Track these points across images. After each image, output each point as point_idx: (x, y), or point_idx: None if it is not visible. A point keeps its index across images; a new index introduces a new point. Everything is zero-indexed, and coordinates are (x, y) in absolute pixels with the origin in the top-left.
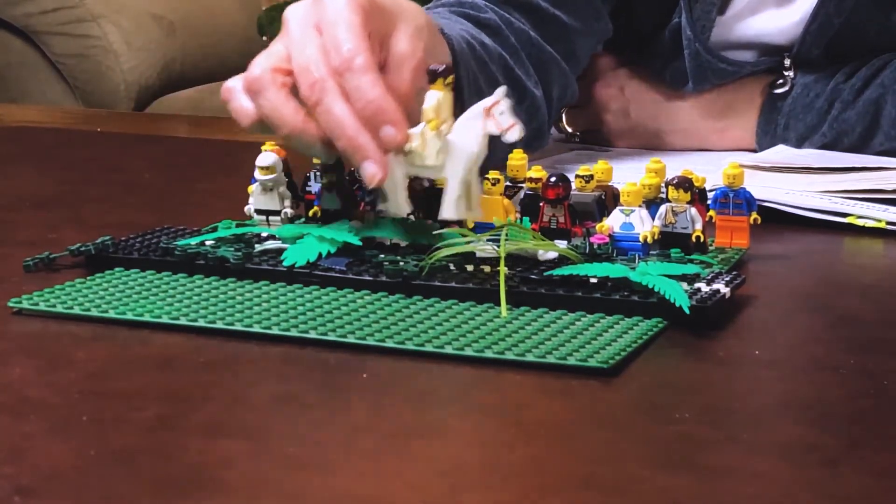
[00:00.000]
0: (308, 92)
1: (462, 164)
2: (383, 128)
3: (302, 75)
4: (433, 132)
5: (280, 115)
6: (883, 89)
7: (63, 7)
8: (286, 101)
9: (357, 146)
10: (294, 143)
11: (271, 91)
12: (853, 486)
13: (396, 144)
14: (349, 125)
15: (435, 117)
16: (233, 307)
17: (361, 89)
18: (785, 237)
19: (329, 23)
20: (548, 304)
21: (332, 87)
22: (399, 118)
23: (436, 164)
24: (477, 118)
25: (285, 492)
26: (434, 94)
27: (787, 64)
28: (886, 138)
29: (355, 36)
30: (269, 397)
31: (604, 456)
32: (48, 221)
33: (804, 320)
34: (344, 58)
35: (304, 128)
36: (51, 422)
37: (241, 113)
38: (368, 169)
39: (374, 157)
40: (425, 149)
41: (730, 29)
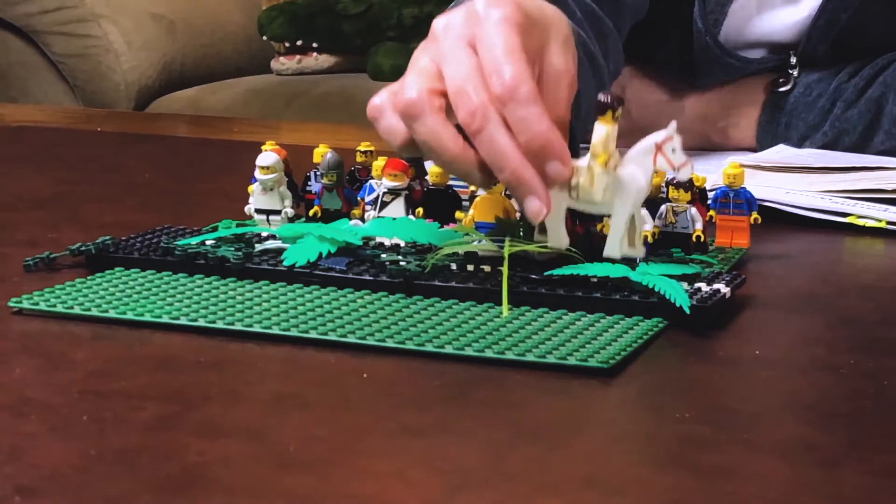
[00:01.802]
0: (468, 119)
1: (630, 202)
2: (550, 163)
3: (460, 99)
4: (601, 168)
5: (439, 142)
6: (885, 88)
7: (63, 7)
8: (445, 128)
9: (522, 180)
10: (450, 169)
11: (429, 117)
12: (853, 486)
13: (563, 180)
14: (513, 158)
15: (603, 152)
16: (233, 307)
17: (527, 121)
18: (785, 237)
19: (486, 43)
20: (548, 304)
21: (493, 116)
22: (566, 153)
23: (602, 201)
24: (647, 154)
25: (285, 492)
26: (602, 128)
27: (793, 62)
28: (887, 137)
29: (517, 60)
30: (269, 397)
31: (604, 456)
32: (48, 221)
33: (804, 320)
34: (507, 86)
35: (463, 155)
36: (51, 422)
37: (392, 133)
38: (533, 204)
39: (538, 192)
40: (593, 185)
41: (738, 28)
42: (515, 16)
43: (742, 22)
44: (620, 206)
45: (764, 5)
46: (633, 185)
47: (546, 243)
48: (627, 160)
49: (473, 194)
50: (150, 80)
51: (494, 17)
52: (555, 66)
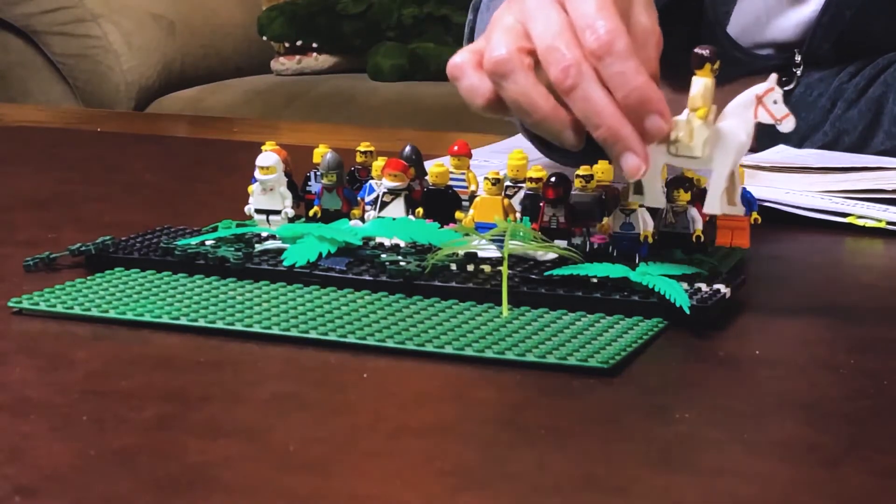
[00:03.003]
0: (561, 76)
1: (731, 156)
2: (649, 117)
3: (551, 56)
4: (701, 121)
5: (531, 100)
6: (885, 87)
7: (63, 7)
8: (535, 86)
9: (619, 137)
10: (541, 129)
11: (520, 74)
12: (853, 486)
13: (663, 135)
14: (611, 114)
15: (703, 105)
16: (233, 307)
17: (625, 76)
18: (785, 237)
19: None
20: (548, 304)
21: (588, 72)
22: (665, 107)
23: (703, 155)
24: (748, 107)
25: (285, 492)
26: (700, 81)
27: (797, 60)
28: (887, 137)
29: (611, 15)
30: (269, 397)
31: (604, 456)
32: (48, 221)
33: (804, 320)
34: (603, 40)
35: (555, 114)
36: (51, 422)
37: (475, 93)
38: (631, 161)
39: (636, 149)
40: (692, 139)
41: (746, 29)
42: None
43: (750, 23)
44: (721, 160)
45: (772, 7)
46: (733, 138)
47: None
48: (727, 113)
49: (473, 194)
50: (150, 80)
51: None
52: (643, 24)
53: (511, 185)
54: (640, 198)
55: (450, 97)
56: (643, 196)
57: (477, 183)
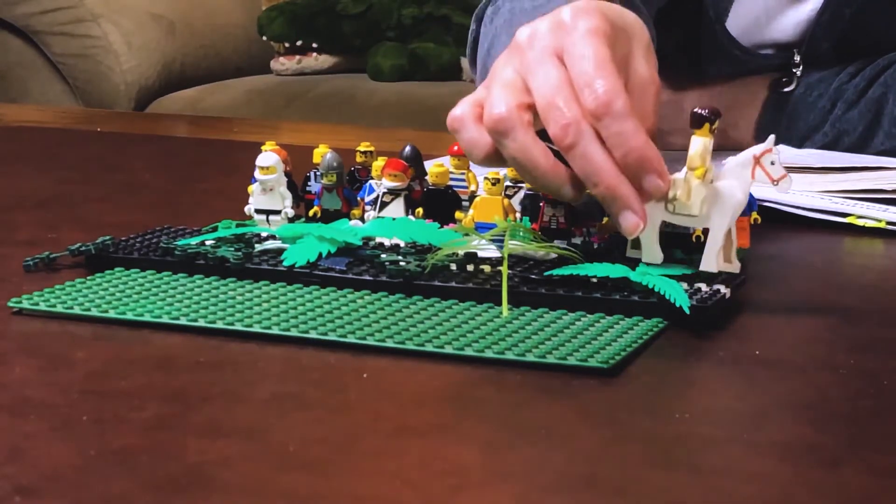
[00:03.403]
0: (561, 134)
1: (728, 215)
2: (647, 177)
3: (551, 113)
4: (698, 181)
5: (530, 158)
6: (885, 88)
7: (63, 7)
8: (535, 144)
9: (618, 195)
10: (540, 185)
11: (519, 133)
12: (853, 486)
13: (661, 194)
14: (609, 173)
15: (701, 165)
16: (233, 307)
17: (624, 136)
18: (785, 237)
19: (576, 55)
20: (548, 304)
21: (587, 130)
22: (663, 167)
23: (700, 213)
24: (745, 167)
25: (285, 492)
26: (699, 140)
27: (797, 60)
28: (887, 137)
29: (609, 74)
30: (269, 397)
31: (604, 456)
32: (48, 221)
33: (804, 320)
34: (602, 100)
35: (554, 171)
36: (51, 422)
37: (475, 146)
38: (629, 219)
39: (634, 207)
40: (690, 198)
41: (745, 30)
42: (603, 26)
43: (750, 24)
44: (718, 220)
45: (771, 7)
46: (730, 198)
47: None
48: (725, 173)
49: (473, 194)
50: (150, 80)
51: (582, 27)
52: (641, 75)
53: (511, 185)
54: (637, 252)
55: (450, 97)
56: (640, 251)
57: (477, 183)
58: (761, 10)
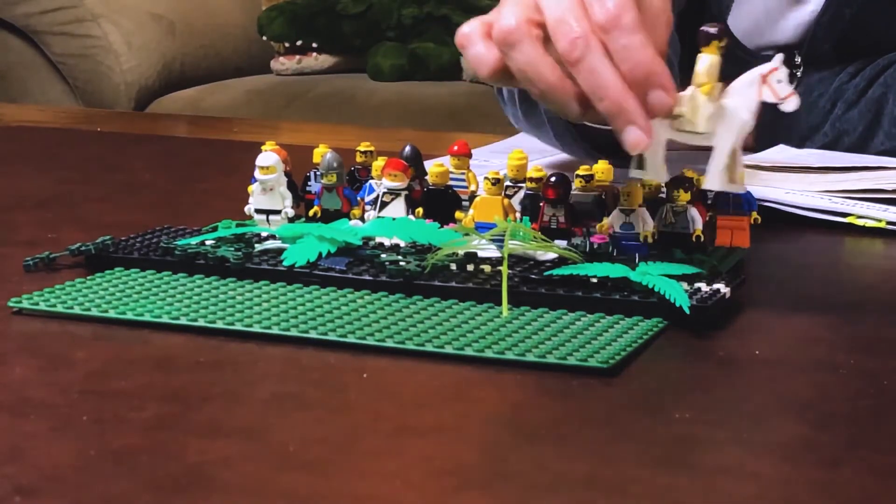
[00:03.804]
0: (569, 48)
1: (733, 132)
2: (653, 91)
3: (560, 29)
4: (705, 97)
5: (537, 70)
6: (885, 88)
7: (63, 7)
8: (543, 57)
9: (623, 110)
10: (546, 100)
11: (527, 44)
12: (853, 486)
13: (666, 109)
14: (615, 87)
15: (708, 81)
16: (233, 307)
17: (631, 49)
18: (785, 237)
19: None
20: (548, 304)
21: (595, 45)
22: (670, 82)
23: (706, 130)
24: (752, 85)
25: (285, 492)
26: (706, 58)
27: (798, 62)
28: (887, 137)
29: None
30: (269, 397)
31: (604, 456)
32: (48, 221)
33: (804, 320)
34: (610, 14)
35: (561, 85)
36: (51, 422)
37: (482, 61)
38: (633, 134)
39: (639, 122)
40: (696, 114)
41: (746, 33)
42: None
43: (750, 27)
44: (724, 137)
45: (771, 10)
46: (737, 115)
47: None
48: (731, 91)
49: (473, 194)
50: (150, 80)
51: None
52: (654, 4)
53: (511, 185)
54: (641, 172)
55: (450, 97)
56: (645, 171)
57: (477, 183)
58: (761, 13)
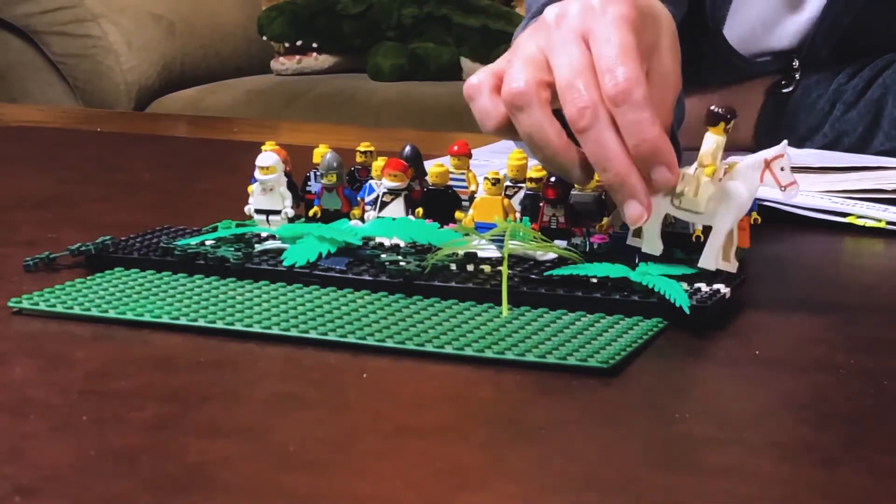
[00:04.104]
0: (577, 115)
1: (732, 214)
2: (657, 169)
3: (570, 94)
4: (708, 178)
5: (543, 136)
6: (884, 89)
7: (63, 7)
8: (550, 122)
9: (626, 184)
10: (550, 164)
11: (536, 108)
12: (853, 486)
13: (669, 187)
14: (620, 160)
15: (712, 163)
16: (233, 307)
17: (639, 125)
18: (785, 237)
19: (601, 39)
20: (548, 304)
21: (603, 116)
22: (674, 160)
23: (705, 210)
24: (756, 169)
25: (285, 492)
26: (713, 138)
27: (796, 65)
28: (887, 138)
29: (632, 61)
30: (269, 397)
31: (604, 456)
32: (48, 221)
33: (804, 320)
34: (621, 87)
35: (566, 151)
36: (51, 422)
37: (488, 116)
38: (634, 209)
39: (640, 198)
40: (697, 194)
41: (743, 40)
42: (632, 14)
43: (746, 33)
44: (723, 218)
45: (768, 17)
46: (737, 198)
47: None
48: (735, 174)
49: (473, 194)
50: (150, 80)
51: (611, 13)
52: (664, 67)
53: (511, 185)
54: (638, 241)
55: (450, 97)
56: (641, 241)
57: (477, 183)
58: (757, 20)
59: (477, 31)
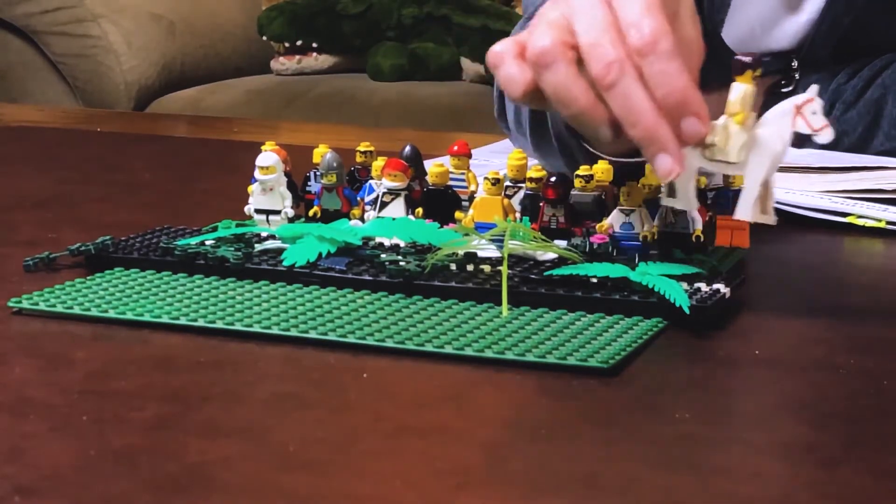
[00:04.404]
0: (603, 72)
1: (766, 163)
2: (686, 119)
3: (594, 52)
4: (738, 126)
5: (570, 93)
6: (884, 89)
7: (63, 7)
8: (577, 79)
9: (655, 137)
10: (578, 123)
11: (561, 66)
12: (853, 486)
13: (699, 138)
14: (649, 113)
15: (741, 110)
16: (233, 307)
17: (667, 75)
18: (785, 237)
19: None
20: (548, 304)
21: (629, 70)
22: (704, 110)
23: (738, 160)
24: (786, 115)
25: (285, 492)
26: (740, 87)
27: (795, 65)
28: (887, 138)
29: (658, 15)
30: (269, 397)
31: (604, 456)
32: (48, 221)
33: (804, 320)
34: (647, 39)
35: (594, 108)
36: (51, 422)
37: (513, 81)
38: (664, 162)
39: (671, 150)
40: (728, 144)
41: (741, 41)
42: None
43: (745, 34)
44: (755, 167)
45: (766, 18)
46: (769, 146)
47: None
48: (765, 122)
49: (473, 194)
50: (150, 80)
51: None
52: (688, 33)
53: (511, 185)
54: (672, 200)
55: (450, 97)
56: (676, 199)
57: (477, 183)
58: (756, 21)
59: (477, 31)
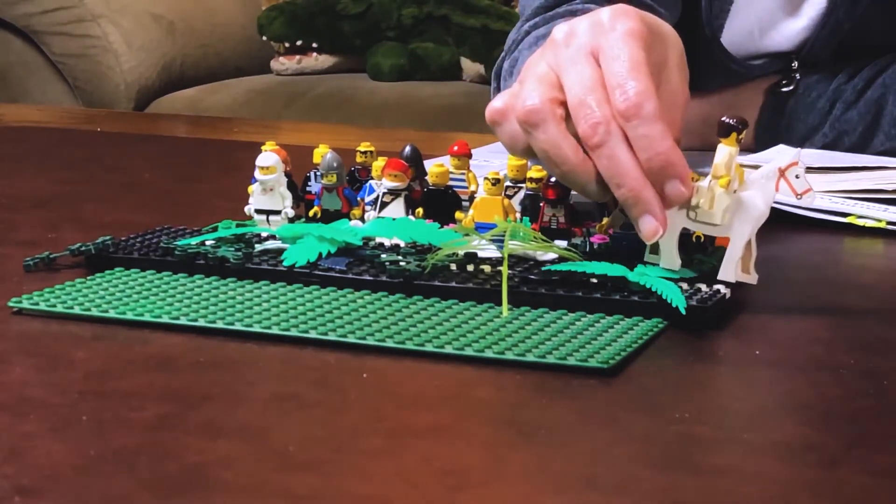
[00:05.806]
0: (589, 132)
1: (749, 225)
2: (670, 182)
3: (581, 111)
4: (722, 189)
5: (560, 152)
6: (884, 89)
7: (63, 7)
8: (566, 139)
9: (640, 199)
10: (567, 180)
11: (551, 126)
12: (853, 486)
13: (683, 200)
14: (634, 176)
15: (726, 174)
16: (233, 307)
17: (650, 139)
18: (785, 237)
19: (611, 55)
20: (548, 304)
21: (616, 131)
22: (687, 173)
23: (722, 222)
24: (770, 179)
25: (285, 492)
26: (725, 149)
27: (795, 66)
28: (887, 138)
29: (642, 76)
30: (268, 397)
31: (604, 456)
32: (48, 221)
33: (804, 320)
34: (632, 102)
35: (583, 167)
36: (51, 422)
37: (516, 140)
38: (649, 224)
39: (655, 212)
40: (712, 206)
41: (740, 43)
42: (641, 30)
43: (744, 37)
44: (739, 229)
45: (765, 21)
46: (753, 208)
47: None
48: (749, 183)
49: (473, 194)
50: (150, 80)
51: (621, 29)
52: (673, 85)
53: (511, 185)
54: (655, 258)
55: (450, 97)
56: (659, 256)
57: (477, 183)
58: (755, 24)
59: (477, 31)
